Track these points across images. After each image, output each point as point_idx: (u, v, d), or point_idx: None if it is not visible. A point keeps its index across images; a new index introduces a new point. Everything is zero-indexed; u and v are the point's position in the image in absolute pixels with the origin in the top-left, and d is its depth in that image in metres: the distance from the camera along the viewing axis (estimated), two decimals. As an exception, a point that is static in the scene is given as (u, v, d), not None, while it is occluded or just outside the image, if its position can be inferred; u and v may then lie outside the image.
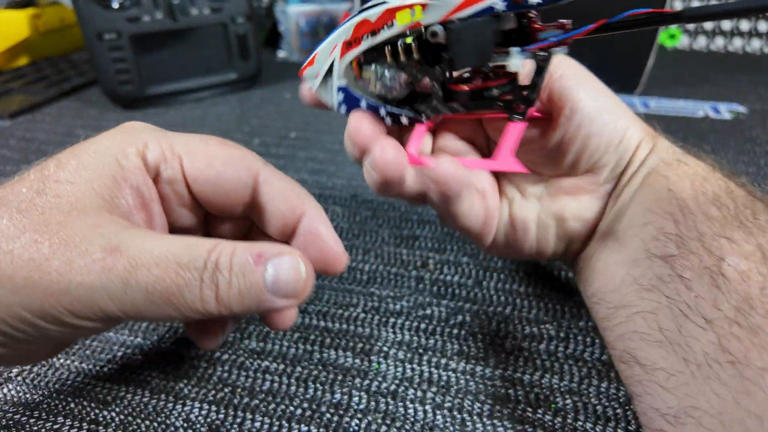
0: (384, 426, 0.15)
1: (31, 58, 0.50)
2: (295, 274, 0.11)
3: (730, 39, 0.58)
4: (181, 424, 0.15)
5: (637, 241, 0.13)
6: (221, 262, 0.11)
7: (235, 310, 0.11)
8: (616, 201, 0.15)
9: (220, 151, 0.13)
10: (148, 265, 0.10)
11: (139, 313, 0.11)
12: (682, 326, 0.11)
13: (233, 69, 0.42)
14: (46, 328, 0.11)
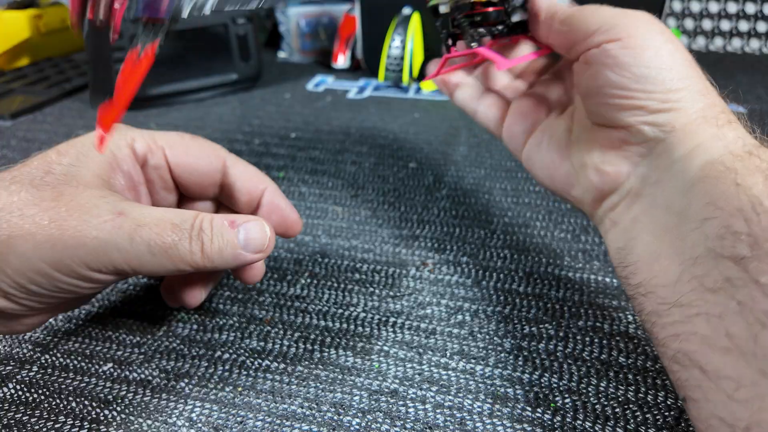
0: (384, 425, 0.15)
1: (33, 59, 0.50)
2: (261, 234, 0.14)
3: (729, 39, 0.58)
4: (182, 423, 0.15)
5: (698, 237, 0.11)
6: (204, 225, 0.14)
7: (217, 263, 0.14)
8: (657, 176, 0.13)
9: (194, 143, 0.17)
10: (149, 225, 0.13)
11: (141, 265, 0.13)
12: (759, 336, 0.10)
13: (234, 70, 0.42)
14: (61, 280, 0.13)
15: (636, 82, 0.13)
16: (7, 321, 0.14)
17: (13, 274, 0.13)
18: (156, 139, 0.16)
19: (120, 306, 0.20)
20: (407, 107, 0.41)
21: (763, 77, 0.48)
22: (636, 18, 0.14)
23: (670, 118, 0.13)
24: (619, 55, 0.13)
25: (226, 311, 0.20)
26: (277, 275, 0.22)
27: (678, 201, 0.13)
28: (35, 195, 0.13)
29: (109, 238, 0.13)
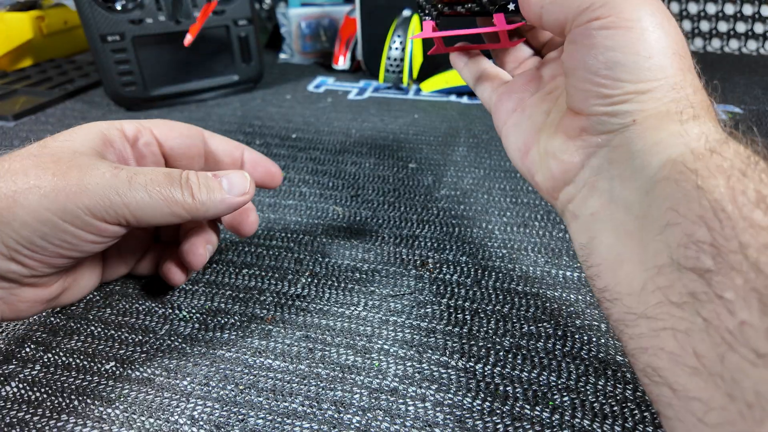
0: (384, 423, 0.15)
1: (35, 60, 0.50)
2: (242, 179, 0.17)
3: (727, 40, 0.58)
4: (185, 422, 0.15)
5: (660, 245, 0.11)
6: (191, 177, 0.16)
7: (208, 206, 0.16)
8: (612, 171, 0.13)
9: (174, 123, 0.19)
10: (145, 173, 0.15)
11: (140, 209, 0.14)
12: (725, 356, 0.09)
13: (235, 71, 0.43)
14: (66, 230, 0.14)
15: (607, 68, 0.12)
16: (9, 292, 0.15)
17: (20, 227, 0.13)
18: (142, 122, 0.18)
19: (122, 305, 0.20)
20: (407, 108, 0.41)
21: (761, 78, 0.48)
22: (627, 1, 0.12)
23: (633, 109, 0.12)
24: (598, 35, 0.12)
25: (227, 310, 0.20)
26: (278, 274, 0.22)
27: (638, 201, 0.12)
28: (35, 161, 0.14)
29: (110, 183, 0.14)
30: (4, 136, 0.36)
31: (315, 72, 0.51)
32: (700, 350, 0.10)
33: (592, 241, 0.13)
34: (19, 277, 0.14)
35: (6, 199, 0.13)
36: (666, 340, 0.10)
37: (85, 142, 0.15)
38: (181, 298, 0.21)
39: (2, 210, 0.13)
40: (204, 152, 0.19)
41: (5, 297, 0.15)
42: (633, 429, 0.15)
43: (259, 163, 0.20)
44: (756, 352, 0.09)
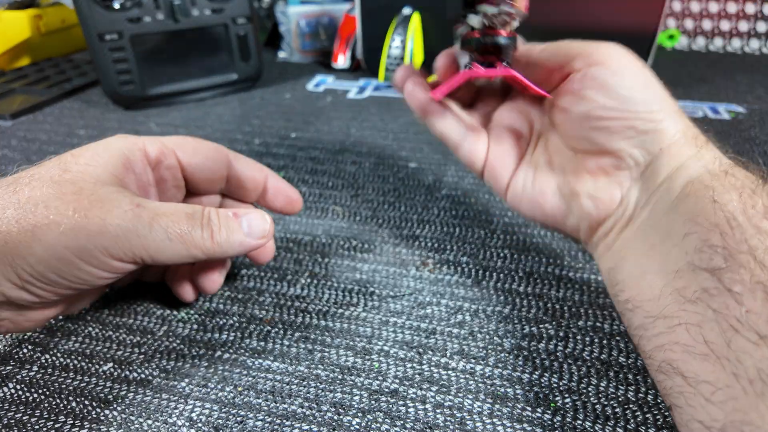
0: (384, 425, 0.15)
1: (33, 59, 0.50)
2: (262, 222, 0.16)
3: (729, 40, 0.58)
4: (183, 423, 0.15)
5: (679, 252, 0.12)
6: (212, 216, 0.15)
7: (225, 249, 0.15)
8: (646, 198, 0.14)
9: (200, 143, 0.18)
10: (166, 214, 0.14)
11: (159, 251, 0.14)
12: (732, 340, 0.10)
13: (234, 70, 0.42)
14: (82, 268, 0.14)
15: (623, 103, 0.14)
16: (17, 313, 0.15)
17: (35, 262, 0.13)
18: (165, 142, 0.17)
19: (120, 306, 0.20)
20: (407, 107, 0.41)
21: (763, 77, 0.48)
22: (610, 46, 0.14)
23: (657, 139, 0.14)
24: (603, 76, 0.14)
25: (226, 311, 0.20)
26: (277, 275, 0.22)
27: (663, 220, 0.13)
28: (57, 190, 0.14)
29: (131, 225, 0.14)
30: (2, 135, 0.36)
31: (314, 71, 0.51)
32: (710, 338, 0.11)
33: (619, 263, 0.14)
34: (29, 303, 0.14)
35: (24, 233, 0.13)
36: (680, 334, 0.11)
37: (107, 168, 0.15)
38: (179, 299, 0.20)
39: (20, 243, 0.13)
40: (227, 175, 0.19)
41: (12, 317, 0.15)
42: (635, 431, 0.15)
43: (281, 191, 0.20)
44: (759, 333, 0.10)
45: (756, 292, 0.10)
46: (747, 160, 0.14)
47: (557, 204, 0.16)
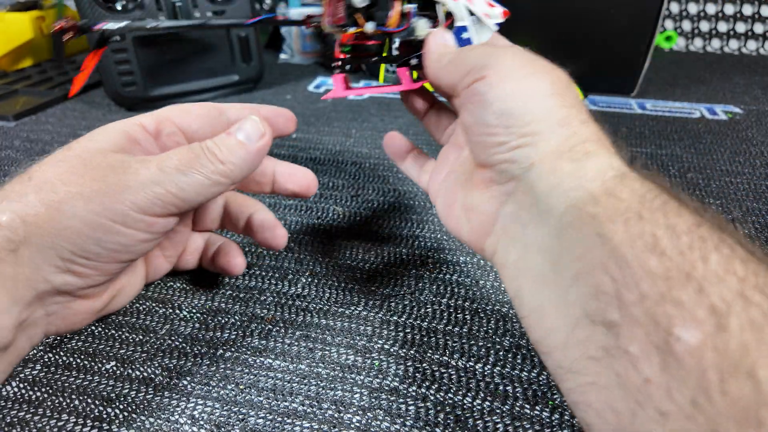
0: (384, 423, 0.15)
1: (36, 60, 0.50)
2: (254, 124, 0.16)
3: (727, 41, 0.58)
4: (185, 421, 0.15)
5: (574, 297, 0.11)
6: (208, 143, 0.16)
7: (236, 162, 0.15)
8: (526, 218, 0.13)
9: (190, 105, 0.18)
10: (170, 158, 0.15)
11: (182, 189, 0.14)
12: (636, 414, 0.09)
13: (236, 71, 0.43)
14: (118, 231, 0.14)
15: (497, 118, 0.13)
16: (64, 305, 0.15)
17: (73, 236, 0.13)
18: (159, 113, 0.18)
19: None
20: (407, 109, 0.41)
21: (760, 78, 0.48)
22: (502, 54, 0.14)
23: (527, 153, 0.13)
24: (483, 92, 0.13)
25: (228, 310, 0.20)
26: (279, 274, 0.22)
27: (549, 247, 0.12)
28: (66, 166, 0.14)
29: (146, 176, 0.14)
30: (5, 136, 0.36)
31: (315, 72, 0.51)
32: (617, 407, 0.10)
33: (518, 291, 0.13)
34: (74, 289, 0.14)
35: (53, 211, 0.13)
36: (591, 396, 0.10)
37: (109, 142, 0.15)
38: (181, 297, 0.21)
39: (52, 221, 0.13)
40: (226, 126, 0.18)
41: (59, 311, 0.15)
42: (633, 428, 0.15)
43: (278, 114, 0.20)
44: (659, 410, 0.09)
45: (651, 355, 0.09)
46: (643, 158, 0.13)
47: (456, 215, 0.16)
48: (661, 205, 0.11)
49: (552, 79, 0.13)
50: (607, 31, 0.40)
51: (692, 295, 0.09)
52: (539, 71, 0.13)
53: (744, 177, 0.30)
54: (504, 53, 0.14)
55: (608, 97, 0.43)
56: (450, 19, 0.17)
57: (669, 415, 0.09)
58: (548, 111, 0.13)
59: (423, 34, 0.17)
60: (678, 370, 0.09)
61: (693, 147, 0.34)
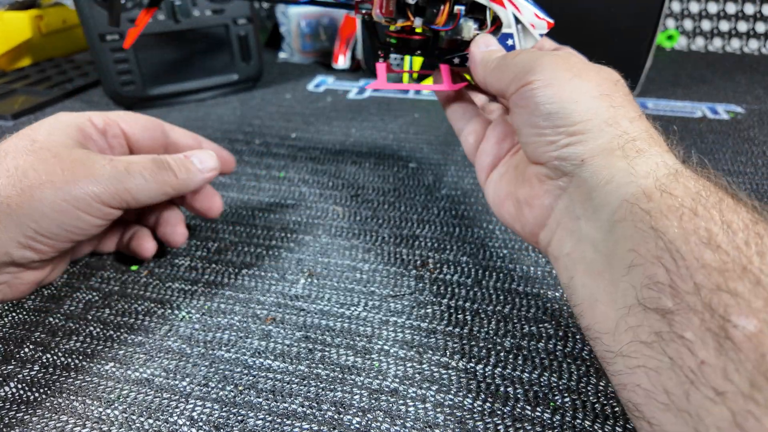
0: (384, 424, 0.15)
1: (34, 59, 0.50)
2: (209, 156, 0.20)
3: (728, 40, 0.58)
4: (184, 422, 0.15)
5: (627, 286, 0.11)
6: (169, 160, 0.19)
7: (188, 182, 0.19)
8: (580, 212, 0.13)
9: (137, 116, 0.21)
10: (137, 162, 0.18)
11: (139, 191, 0.17)
12: (690, 394, 0.10)
13: (235, 70, 0.42)
14: (79, 217, 0.16)
15: (545, 120, 0.14)
16: (14, 276, 0.17)
17: (40, 218, 0.16)
18: (108, 115, 0.20)
19: (121, 305, 0.20)
20: (407, 107, 0.41)
21: (762, 77, 0.48)
22: (547, 59, 0.14)
23: (577, 150, 0.13)
24: (530, 96, 0.14)
25: (227, 310, 0.20)
26: (278, 275, 0.22)
27: (602, 240, 0.12)
28: (36, 157, 0.16)
29: (112, 173, 0.17)
30: (4, 135, 0.36)
31: (315, 71, 0.51)
32: (669, 387, 0.10)
33: (571, 281, 0.14)
34: (29, 262, 0.17)
35: (25, 195, 0.15)
36: (641, 377, 0.11)
37: (69, 136, 0.17)
38: (180, 298, 0.21)
39: (20, 204, 0.15)
40: (165, 144, 0.22)
41: (10, 281, 0.17)
42: (634, 430, 0.15)
43: (221, 152, 0.23)
44: (715, 390, 0.09)
45: (707, 340, 0.10)
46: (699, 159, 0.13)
47: (509, 208, 0.16)
48: (717, 202, 0.11)
49: (598, 81, 0.14)
50: (608, 30, 0.40)
51: (749, 287, 0.09)
52: (584, 73, 0.14)
53: (746, 177, 0.30)
54: (549, 57, 0.14)
55: (609, 97, 0.43)
56: (497, 23, 0.17)
57: (726, 395, 0.09)
58: (595, 111, 0.13)
59: (469, 35, 0.17)
60: (736, 354, 0.09)
61: (695, 146, 0.34)
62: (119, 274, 0.22)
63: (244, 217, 0.26)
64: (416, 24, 0.18)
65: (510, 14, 0.17)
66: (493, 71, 0.16)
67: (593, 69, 0.14)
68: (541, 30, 0.18)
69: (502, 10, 0.17)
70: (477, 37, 0.17)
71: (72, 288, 0.21)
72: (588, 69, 0.14)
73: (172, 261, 0.23)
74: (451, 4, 0.17)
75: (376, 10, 0.17)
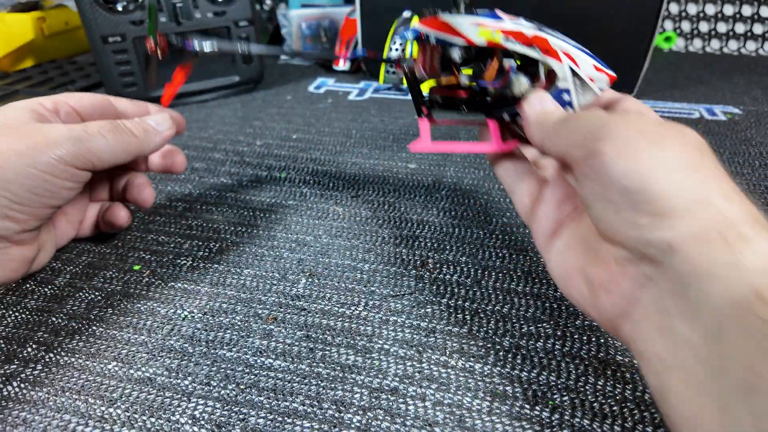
0: (385, 422, 0.15)
1: (36, 61, 0.50)
2: (165, 117, 0.21)
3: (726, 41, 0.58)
4: (186, 421, 0.15)
5: (744, 413, 0.09)
6: (126, 123, 0.20)
7: (149, 141, 0.20)
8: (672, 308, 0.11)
9: (83, 93, 0.21)
10: (96, 125, 0.18)
11: (101, 150, 0.18)
12: None
13: (236, 72, 0.43)
14: (48, 181, 0.17)
15: (622, 196, 0.12)
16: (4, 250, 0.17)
17: (8, 185, 0.16)
18: (56, 97, 0.20)
19: (123, 305, 0.20)
20: (407, 109, 0.41)
21: (760, 78, 0.48)
22: (616, 124, 0.12)
23: (664, 235, 0.11)
24: (600, 170, 0.12)
25: (229, 310, 0.20)
26: (279, 274, 0.22)
27: (706, 348, 0.10)
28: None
29: (71, 135, 0.17)
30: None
31: (315, 73, 0.51)
32: None
33: (663, 387, 0.11)
34: (11, 233, 0.17)
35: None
36: None
37: (25, 116, 0.18)
38: (183, 298, 0.21)
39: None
40: (116, 115, 0.22)
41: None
42: (632, 429, 0.15)
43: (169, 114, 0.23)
44: None
45: None
46: None
47: (584, 291, 0.14)
48: None
49: (680, 149, 0.12)
50: (607, 32, 0.40)
51: None
52: (663, 140, 0.12)
53: (743, 177, 0.30)
54: (618, 122, 0.12)
55: (608, 98, 0.43)
56: (551, 77, 0.16)
57: None
58: (680, 187, 0.11)
59: (521, 91, 0.16)
60: None
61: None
62: (121, 273, 0.22)
63: (246, 217, 0.26)
64: (462, 81, 0.16)
65: (567, 68, 0.15)
66: (552, 136, 0.14)
67: (672, 134, 0.12)
68: (601, 84, 0.16)
69: (557, 65, 0.15)
70: (530, 96, 0.15)
71: (74, 288, 0.21)
72: (666, 134, 0.12)
73: (174, 261, 0.23)
74: (500, 58, 0.16)
75: (419, 67, 0.16)
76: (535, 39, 0.15)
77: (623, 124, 0.12)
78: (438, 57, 0.17)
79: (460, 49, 0.16)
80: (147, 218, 0.26)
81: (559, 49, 0.15)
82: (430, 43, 0.16)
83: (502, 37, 0.15)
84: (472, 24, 0.15)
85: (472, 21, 0.15)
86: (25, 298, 0.21)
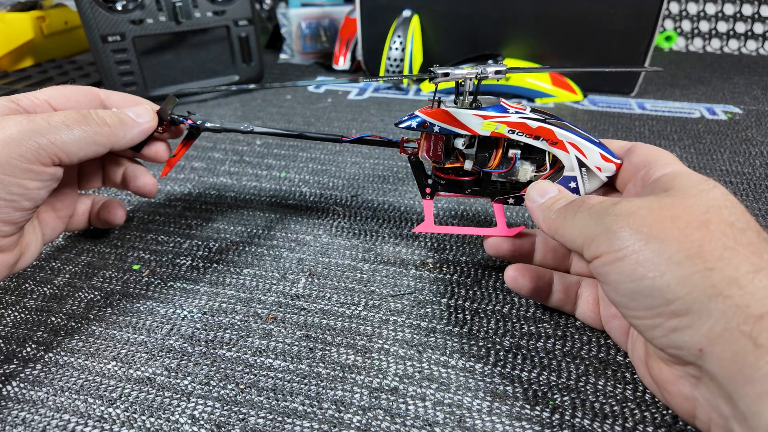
0: (384, 422, 0.15)
1: (36, 60, 0.50)
2: (146, 110, 0.20)
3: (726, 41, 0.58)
4: (185, 421, 0.15)
5: None
6: (100, 112, 0.18)
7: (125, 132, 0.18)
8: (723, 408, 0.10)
9: (69, 89, 0.19)
10: (59, 114, 0.17)
11: (65, 143, 0.16)
12: None
13: (236, 71, 0.43)
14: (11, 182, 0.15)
15: (632, 300, 0.11)
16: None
17: None
18: (36, 95, 0.19)
19: (123, 304, 0.20)
20: (407, 108, 0.41)
21: (760, 78, 0.48)
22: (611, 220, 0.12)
23: (689, 339, 0.10)
24: (603, 273, 0.12)
25: (229, 310, 0.20)
26: (279, 274, 0.22)
27: None
28: None
29: (30, 128, 0.15)
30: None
31: (315, 72, 0.51)
32: None
33: None
34: None
35: None
36: None
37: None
38: (182, 297, 0.21)
39: None
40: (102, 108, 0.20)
41: None
42: (633, 429, 0.15)
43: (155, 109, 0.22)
44: None
45: None
46: None
47: (656, 390, 0.13)
48: None
49: (680, 234, 0.11)
50: (607, 31, 0.40)
51: None
52: (660, 228, 0.11)
53: (744, 177, 0.30)
54: (613, 218, 0.11)
55: (608, 97, 0.43)
56: (557, 165, 0.16)
57: None
58: (688, 283, 0.10)
59: (525, 178, 0.16)
60: None
61: (693, 147, 0.34)
62: (121, 273, 0.22)
63: (246, 217, 0.26)
64: (467, 167, 0.16)
65: (573, 158, 0.15)
66: (558, 231, 0.14)
67: (670, 214, 0.11)
68: (608, 172, 0.16)
69: (564, 155, 0.15)
70: (531, 189, 0.15)
71: (74, 288, 0.21)
72: (664, 218, 0.11)
73: (173, 261, 0.23)
74: (504, 148, 0.16)
75: (423, 153, 0.17)
76: (540, 130, 0.16)
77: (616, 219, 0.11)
78: (442, 145, 0.17)
79: (465, 138, 0.16)
80: (146, 218, 0.26)
81: (565, 140, 0.16)
82: (435, 132, 0.16)
83: (506, 129, 0.16)
84: (476, 116, 0.16)
85: (476, 113, 0.15)
86: (25, 297, 0.21)
